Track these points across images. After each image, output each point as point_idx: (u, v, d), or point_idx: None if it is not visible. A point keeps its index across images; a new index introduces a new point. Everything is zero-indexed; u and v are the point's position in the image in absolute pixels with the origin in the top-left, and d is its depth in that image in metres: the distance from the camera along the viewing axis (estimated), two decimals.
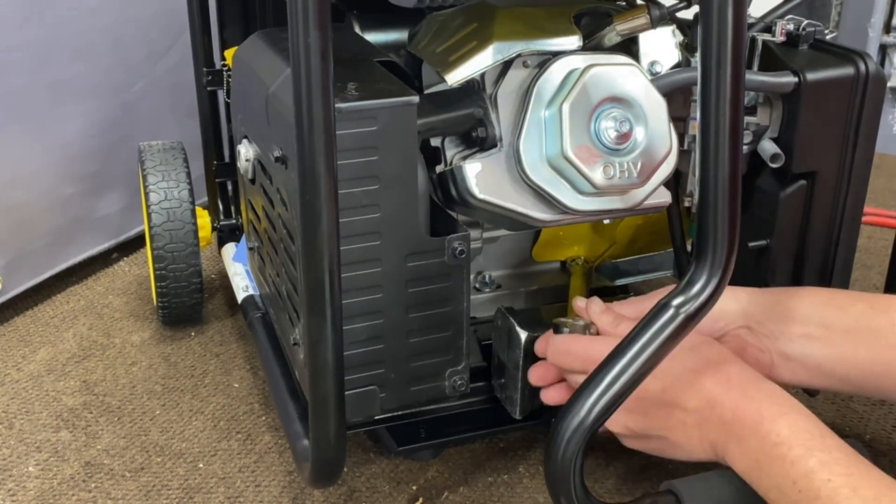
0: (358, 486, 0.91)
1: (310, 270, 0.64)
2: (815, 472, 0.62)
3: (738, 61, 0.61)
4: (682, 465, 0.77)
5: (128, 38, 1.31)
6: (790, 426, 0.65)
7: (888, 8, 1.69)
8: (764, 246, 0.88)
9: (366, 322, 0.77)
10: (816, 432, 0.65)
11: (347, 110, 0.70)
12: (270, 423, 1.01)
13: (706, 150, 0.64)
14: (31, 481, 0.93)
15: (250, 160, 0.90)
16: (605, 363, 0.67)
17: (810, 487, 0.61)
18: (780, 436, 0.65)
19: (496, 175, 0.78)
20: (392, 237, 0.75)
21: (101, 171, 1.32)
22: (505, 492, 0.90)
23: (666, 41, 0.84)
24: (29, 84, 1.19)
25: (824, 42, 0.87)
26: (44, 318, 1.23)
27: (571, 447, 0.67)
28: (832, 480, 0.61)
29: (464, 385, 0.82)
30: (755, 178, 0.88)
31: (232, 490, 0.91)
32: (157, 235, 1.11)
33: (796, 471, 0.62)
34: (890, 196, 1.59)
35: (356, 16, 0.92)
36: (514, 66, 0.78)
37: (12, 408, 1.04)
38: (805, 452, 0.63)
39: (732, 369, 0.72)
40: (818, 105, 0.83)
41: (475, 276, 0.98)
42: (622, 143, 0.77)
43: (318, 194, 0.62)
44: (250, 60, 0.90)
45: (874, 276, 1.30)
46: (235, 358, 1.13)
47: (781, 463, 0.64)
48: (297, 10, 0.57)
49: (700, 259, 0.66)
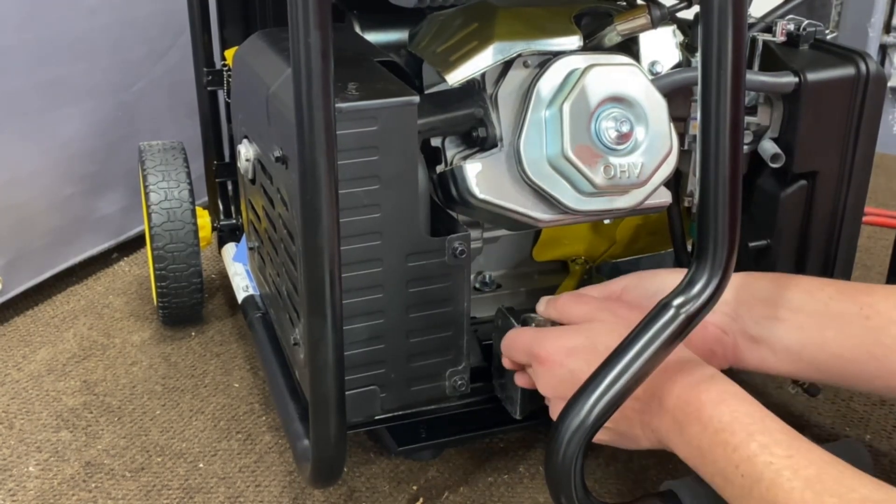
0: (358, 486, 0.91)
1: (310, 270, 0.64)
2: (757, 455, 0.61)
3: (738, 61, 0.61)
4: (683, 464, 0.77)
5: (128, 38, 1.31)
6: (731, 411, 0.65)
7: (888, 8, 1.68)
8: (764, 246, 0.88)
9: (366, 322, 0.77)
10: (757, 416, 0.64)
11: (348, 110, 0.70)
12: (271, 422, 1.01)
13: (707, 150, 0.64)
14: (32, 481, 0.93)
15: (251, 160, 0.90)
16: (606, 363, 0.67)
17: (753, 471, 0.61)
18: (721, 422, 0.65)
19: (496, 175, 0.78)
20: (392, 237, 0.75)
21: (101, 171, 1.32)
22: (505, 492, 0.90)
23: (666, 41, 0.84)
24: (29, 84, 1.19)
25: (825, 42, 0.87)
26: (44, 318, 1.23)
27: (572, 447, 0.67)
28: (774, 463, 0.61)
29: (464, 385, 0.82)
30: (756, 178, 0.88)
31: (232, 490, 0.91)
32: (158, 235, 1.11)
33: (738, 455, 0.62)
34: (890, 196, 1.59)
35: (356, 16, 0.92)
36: (514, 66, 0.78)
37: (13, 408, 1.04)
38: (746, 437, 0.63)
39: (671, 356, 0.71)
40: (819, 105, 0.82)
41: (475, 276, 0.98)
42: (622, 143, 0.77)
43: (319, 194, 0.62)
44: (251, 60, 0.90)
45: (874, 276, 1.30)
46: (236, 358, 1.13)
47: (724, 449, 0.64)
48: (297, 9, 0.57)
49: (700, 259, 0.66)
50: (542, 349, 0.76)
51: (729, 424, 0.64)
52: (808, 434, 0.96)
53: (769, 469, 0.61)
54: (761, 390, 1.02)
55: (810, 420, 0.99)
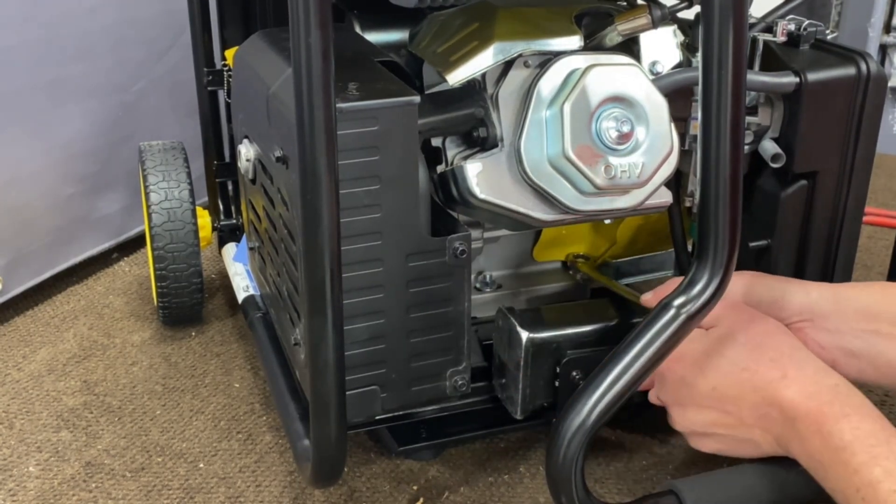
0: (359, 486, 0.91)
1: (311, 270, 0.64)
2: (881, 482, 0.59)
3: (739, 61, 0.61)
4: (683, 465, 0.77)
5: (128, 38, 1.31)
6: (853, 429, 0.63)
7: (888, 8, 1.68)
8: (765, 246, 0.88)
9: (367, 322, 0.77)
10: (882, 436, 0.62)
11: (348, 110, 0.70)
12: (271, 423, 1.01)
13: (707, 150, 0.64)
14: (32, 481, 0.93)
15: (251, 160, 0.90)
16: (607, 363, 0.67)
17: (875, 498, 0.59)
18: (842, 440, 0.62)
19: (497, 175, 0.78)
20: (393, 237, 0.75)
21: (102, 171, 1.32)
22: (506, 492, 0.90)
23: (667, 41, 0.84)
24: (29, 84, 1.19)
25: (825, 42, 0.87)
26: (44, 318, 1.23)
27: (573, 447, 0.67)
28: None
29: (465, 385, 0.82)
30: (756, 178, 0.88)
31: (233, 490, 0.91)
32: (158, 235, 1.11)
33: (860, 479, 0.60)
34: (890, 196, 1.59)
35: (357, 16, 0.92)
36: (515, 66, 0.78)
37: (13, 408, 1.04)
38: (869, 460, 0.60)
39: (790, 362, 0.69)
40: (819, 105, 0.83)
41: (476, 276, 0.98)
42: (623, 143, 0.77)
43: (319, 194, 0.62)
44: (251, 60, 0.90)
45: (874, 276, 1.30)
46: (236, 358, 1.13)
47: (845, 469, 0.61)
48: (298, 10, 0.57)
49: (701, 259, 0.66)
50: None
51: (850, 444, 0.62)
52: None
53: (893, 497, 0.59)
54: None
55: None
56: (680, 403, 0.72)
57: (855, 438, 0.62)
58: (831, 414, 0.64)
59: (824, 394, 0.66)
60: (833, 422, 0.64)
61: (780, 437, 0.69)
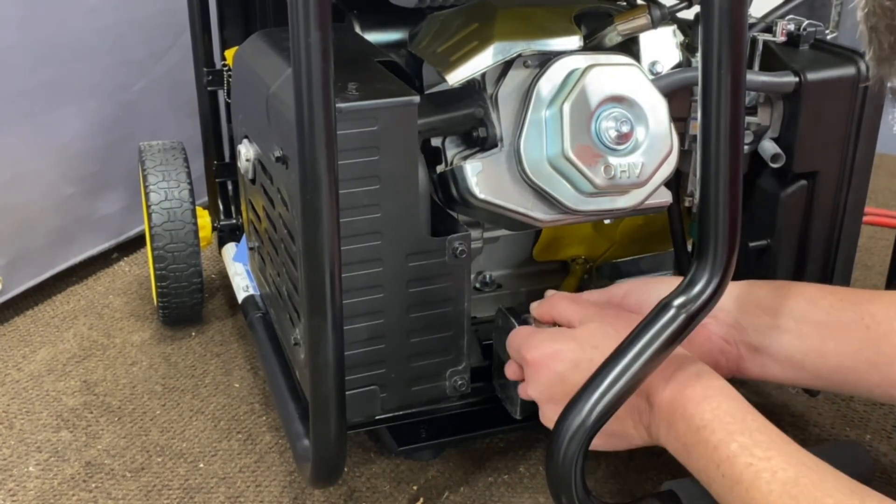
0: (358, 486, 0.91)
1: (310, 270, 0.64)
2: (737, 456, 0.62)
3: (738, 61, 0.61)
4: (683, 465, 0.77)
5: (128, 38, 1.31)
6: (713, 409, 0.65)
7: None
8: (765, 246, 0.88)
9: (366, 322, 0.77)
10: (738, 414, 0.65)
11: (348, 110, 0.70)
12: (271, 422, 1.01)
13: (707, 150, 0.64)
14: (32, 481, 0.93)
15: (251, 160, 0.90)
16: (607, 363, 0.67)
17: (733, 472, 0.62)
18: (703, 419, 0.65)
19: (497, 175, 0.78)
20: (393, 237, 0.75)
21: (102, 171, 1.32)
22: (505, 492, 0.90)
23: (667, 41, 0.84)
24: (29, 84, 1.19)
25: (825, 42, 0.87)
26: (44, 318, 1.23)
27: (573, 447, 0.67)
28: (753, 464, 0.61)
29: (464, 385, 0.82)
30: (756, 178, 0.88)
31: (232, 490, 0.91)
32: (158, 235, 1.11)
33: (719, 455, 0.63)
34: (890, 196, 1.59)
35: (356, 16, 0.92)
36: (514, 66, 0.78)
37: (13, 408, 1.04)
38: (726, 436, 0.63)
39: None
40: (819, 105, 0.83)
41: (476, 275, 0.98)
42: (623, 143, 0.77)
43: (319, 194, 0.62)
44: (251, 60, 0.90)
45: (874, 276, 1.30)
46: (236, 358, 1.13)
47: (705, 447, 0.64)
48: (297, 10, 0.57)
49: (701, 259, 0.66)
50: (530, 352, 0.76)
51: (710, 423, 0.65)
52: (808, 434, 0.97)
53: (748, 471, 0.61)
54: (761, 390, 1.02)
55: (810, 420, 0.99)
56: (553, 400, 0.73)
57: (714, 417, 0.65)
58: (693, 397, 0.67)
59: (688, 379, 0.68)
60: (694, 405, 0.66)
61: (650, 427, 0.71)
